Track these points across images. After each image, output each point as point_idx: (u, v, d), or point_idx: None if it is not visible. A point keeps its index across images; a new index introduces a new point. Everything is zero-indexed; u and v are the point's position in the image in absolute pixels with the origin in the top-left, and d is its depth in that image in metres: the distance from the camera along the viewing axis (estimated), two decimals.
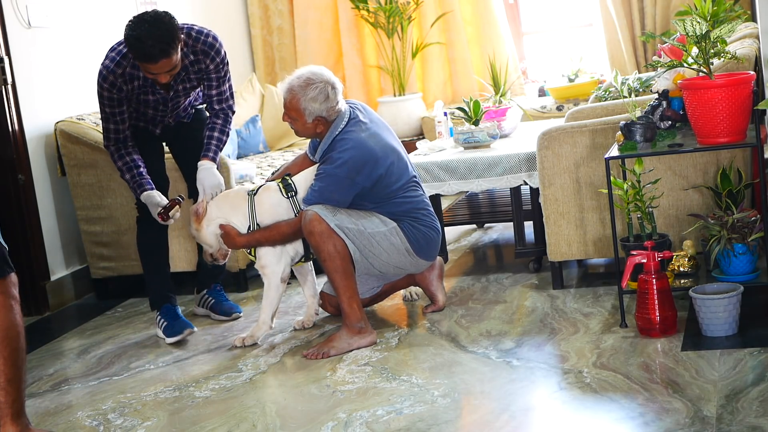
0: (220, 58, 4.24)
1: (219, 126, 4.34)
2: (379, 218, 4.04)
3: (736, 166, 4.05)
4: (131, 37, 3.95)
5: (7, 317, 3.07)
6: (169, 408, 3.54)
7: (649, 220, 3.93)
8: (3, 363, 3.05)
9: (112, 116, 4.22)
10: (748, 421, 2.84)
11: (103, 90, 4.17)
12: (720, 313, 3.53)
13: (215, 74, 4.27)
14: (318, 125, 4.03)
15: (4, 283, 3.10)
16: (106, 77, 4.15)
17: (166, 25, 3.94)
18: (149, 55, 3.92)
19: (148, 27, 3.92)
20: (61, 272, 5.24)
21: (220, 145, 4.34)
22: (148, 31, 3.91)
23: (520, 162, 4.58)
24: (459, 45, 7.31)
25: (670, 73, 3.90)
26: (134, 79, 4.16)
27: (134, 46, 3.94)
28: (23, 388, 3.14)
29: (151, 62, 3.95)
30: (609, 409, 3.08)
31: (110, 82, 4.14)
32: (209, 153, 4.29)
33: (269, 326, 4.17)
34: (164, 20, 3.95)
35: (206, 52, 4.20)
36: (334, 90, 4.00)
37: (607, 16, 6.90)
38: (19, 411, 3.12)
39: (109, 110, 4.21)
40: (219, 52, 4.23)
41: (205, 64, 4.23)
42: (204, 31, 4.21)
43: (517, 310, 4.21)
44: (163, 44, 3.91)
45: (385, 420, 3.18)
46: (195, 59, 4.20)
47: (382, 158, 4.00)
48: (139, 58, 3.96)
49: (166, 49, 3.92)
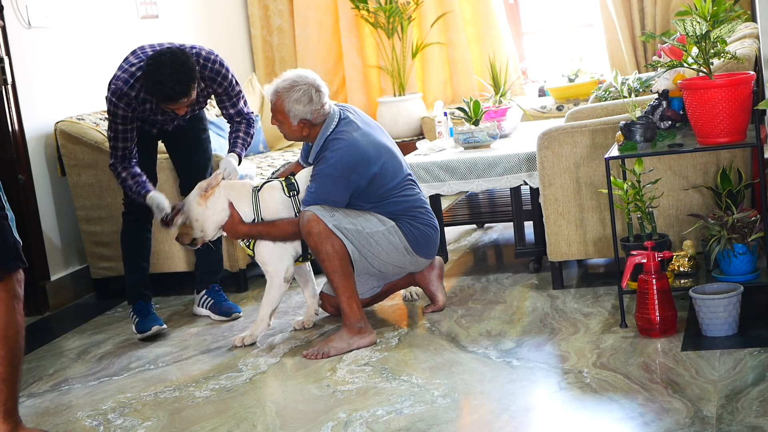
0: (228, 81, 4.36)
1: (243, 128, 4.49)
2: (377, 218, 4.04)
3: (736, 166, 4.05)
4: (154, 82, 4.00)
5: (7, 316, 3.07)
6: (169, 408, 3.54)
7: (649, 220, 3.93)
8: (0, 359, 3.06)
9: (122, 133, 4.24)
10: (748, 421, 2.84)
11: (118, 109, 4.19)
12: (720, 313, 3.53)
13: (226, 96, 4.41)
14: (303, 128, 4.04)
15: (10, 280, 3.09)
16: (122, 97, 4.17)
17: (186, 65, 4.01)
18: (171, 97, 4.02)
19: (170, 71, 3.97)
20: (61, 272, 5.24)
21: (245, 144, 4.48)
22: (170, 75, 3.97)
23: (520, 162, 4.58)
24: (459, 45, 7.31)
25: (670, 73, 3.91)
26: (147, 101, 4.23)
27: (157, 89, 4.01)
28: (17, 388, 3.14)
29: (173, 102, 4.04)
30: (609, 409, 3.08)
31: (126, 102, 4.18)
32: (236, 148, 4.45)
33: (267, 324, 4.17)
34: (183, 60, 4.02)
35: (213, 78, 4.32)
36: (318, 93, 4.01)
37: (607, 16, 6.90)
38: (11, 410, 3.12)
39: (121, 128, 4.23)
40: (226, 77, 4.34)
41: (213, 89, 4.36)
42: (210, 58, 4.29)
43: (517, 310, 4.21)
44: (183, 85, 4.01)
45: (385, 420, 3.18)
46: (204, 85, 4.31)
47: (375, 156, 4.00)
48: (162, 101, 4.06)
49: (186, 90, 4.02)
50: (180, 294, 5.13)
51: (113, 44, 5.75)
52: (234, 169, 4.33)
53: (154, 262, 5.04)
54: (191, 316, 4.72)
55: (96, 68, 5.58)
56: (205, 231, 4.14)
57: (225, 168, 4.29)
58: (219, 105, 4.47)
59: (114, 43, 5.76)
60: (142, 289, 4.53)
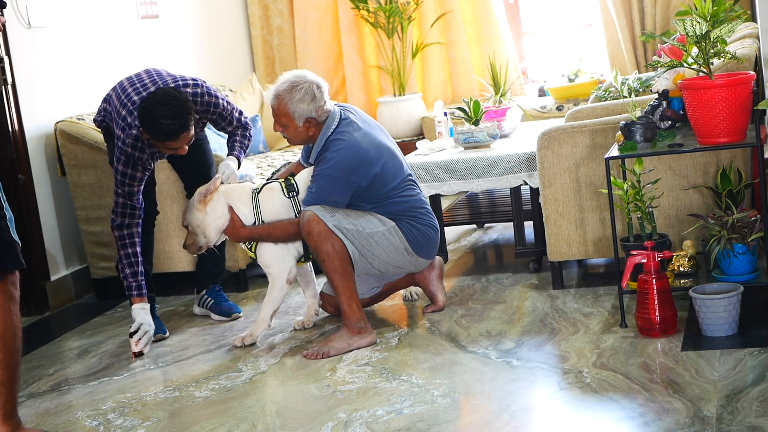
0: (221, 107, 4.34)
1: (240, 132, 4.50)
2: (377, 218, 4.04)
3: (736, 166, 4.05)
4: (149, 121, 3.98)
5: (3, 319, 3.06)
6: (169, 408, 3.54)
7: (649, 220, 3.93)
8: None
9: (130, 187, 4.19)
10: (748, 421, 2.84)
11: (128, 168, 4.16)
12: (720, 313, 3.53)
13: (221, 118, 4.41)
14: (309, 128, 4.03)
15: (5, 282, 3.08)
16: (136, 163, 4.16)
17: (179, 100, 3.99)
18: (170, 134, 3.98)
19: (163, 107, 3.95)
20: (61, 272, 5.24)
21: (243, 147, 4.49)
22: (165, 112, 3.95)
23: (520, 162, 4.58)
24: (459, 45, 7.31)
25: (670, 73, 3.91)
26: (154, 154, 4.23)
27: (154, 128, 3.98)
28: (16, 389, 3.14)
29: (172, 140, 4.01)
30: (609, 409, 3.08)
31: (133, 162, 4.16)
32: (234, 151, 4.46)
33: (268, 324, 4.17)
34: (175, 96, 4.00)
35: (206, 110, 4.30)
36: (320, 89, 4.01)
37: (607, 16, 6.90)
38: (11, 411, 3.13)
39: (128, 189, 4.19)
40: (217, 105, 4.32)
41: (207, 118, 4.36)
42: (198, 92, 4.23)
43: (517, 310, 4.21)
44: (181, 119, 3.98)
45: (385, 420, 3.18)
46: (198, 117, 4.28)
47: (376, 157, 4.00)
48: (161, 139, 4.01)
49: (185, 124, 3.99)
50: (180, 294, 5.13)
51: (113, 44, 5.75)
52: (232, 172, 4.32)
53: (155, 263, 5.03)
54: (191, 316, 4.72)
55: (96, 68, 5.58)
56: (208, 236, 4.15)
57: (224, 172, 4.28)
58: (217, 128, 4.48)
59: (114, 43, 5.77)
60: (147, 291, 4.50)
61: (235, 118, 4.45)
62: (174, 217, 4.96)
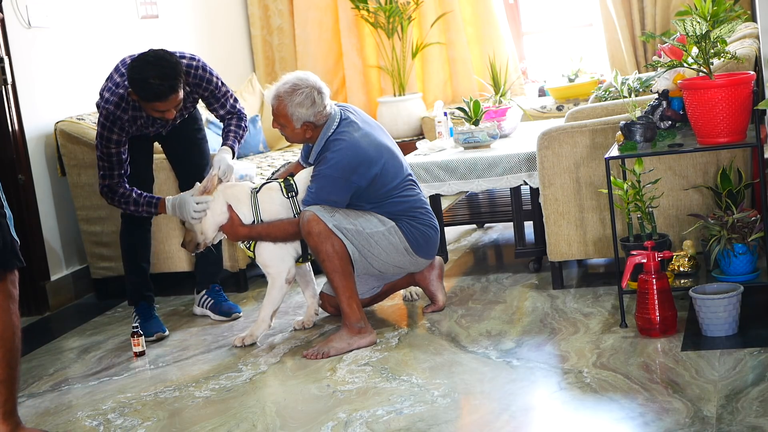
0: (213, 84, 4.34)
1: (234, 122, 4.45)
2: (377, 218, 4.04)
3: (736, 166, 4.05)
4: (138, 80, 3.97)
5: (2, 318, 3.07)
6: (169, 408, 3.54)
7: (649, 220, 3.93)
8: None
9: (117, 156, 4.21)
10: (748, 421, 2.84)
11: (112, 134, 4.16)
12: (720, 313, 3.53)
13: (213, 98, 4.39)
14: (307, 130, 4.03)
15: (5, 281, 3.09)
16: (115, 122, 4.15)
17: (170, 62, 3.99)
18: (158, 94, 3.97)
19: (153, 67, 3.95)
20: (61, 272, 5.24)
21: (237, 137, 4.43)
22: (154, 72, 3.94)
23: (520, 162, 4.58)
24: (459, 45, 7.31)
25: (670, 73, 3.90)
26: (138, 118, 4.22)
27: (142, 87, 3.97)
28: (16, 389, 3.14)
29: (160, 100, 3.99)
30: (609, 409, 3.08)
31: (119, 126, 4.16)
32: (228, 141, 4.40)
33: (268, 325, 4.17)
34: (166, 58, 4.00)
35: (198, 84, 4.30)
36: (320, 95, 4.00)
37: (607, 16, 6.90)
38: (11, 410, 3.13)
39: (114, 151, 4.19)
40: (210, 81, 4.32)
41: (199, 93, 4.34)
42: (193, 64, 4.25)
43: (517, 310, 4.21)
44: (171, 80, 3.97)
45: (385, 420, 3.18)
46: (190, 90, 4.29)
47: (376, 157, 4.00)
48: (149, 99, 3.99)
49: (174, 86, 3.98)
50: (180, 294, 5.13)
51: (113, 44, 5.75)
52: (228, 165, 4.25)
53: (154, 262, 5.05)
54: (191, 316, 4.72)
55: (96, 68, 5.57)
56: (206, 234, 4.15)
57: (219, 167, 4.23)
58: (209, 108, 4.45)
59: (114, 43, 5.77)
60: (143, 291, 4.51)
61: (229, 103, 4.42)
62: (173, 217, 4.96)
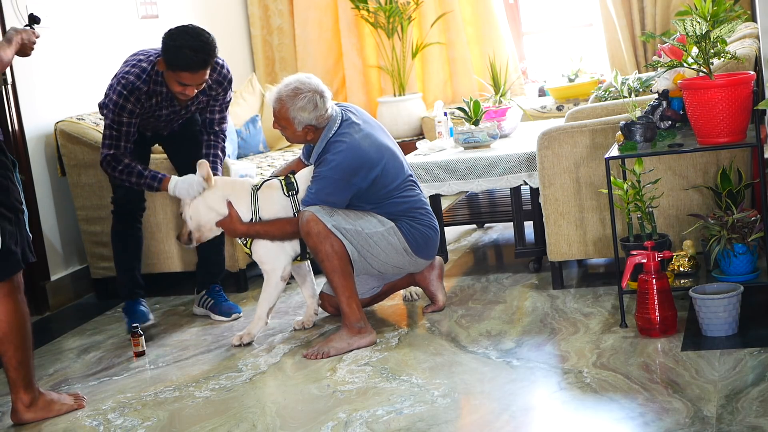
0: (228, 94, 4.47)
1: (221, 146, 4.54)
2: (376, 218, 4.04)
3: (736, 166, 4.05)
4: (173, 47, 4.04)
5: (16, 308, 3.41)
6: (169, 408, 3.54)
7: (649, 220, 3.93)
8: (14, 349, 3.42)
9: (127, 127, 4.23)
10: (748, 421, 2.84)
11: (128, 103, 4.19)
12: (720, 313, 3.53)
13: (222, 99, 4.47)
14: (308, 133, 4.04)
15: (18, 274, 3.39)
16: (133, 91, 4.17)
17: (207, 38, 4.08)
18: (189, 64, 4.04)
19: (190, 38, 4.03)
20: (61, 272, 5.24)
21: (218, 164, 4.50)
22: (190, 42, 4.02)
23: (520, 162, 4.58)
24: (459, 45, 7.31)
25: (670, 73, 3.91)
26: (156, 95, 4.24)
27: (175, 54, 4.03)
28: (32, 364, 3.49)
29: (190, 71, 4.06)
30: (609, 409, 3.08)
31: (136, 96, 4.19)
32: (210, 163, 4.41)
33: (265, 322, 4.18)
34: (205, 34, 4.10)
35: (221, 81, 4.38)
36: (322, 98, 4.00)
37: (607, 16, 6.90)
38: (30, 382, 3.50)
39: (126, 121, 4.22)
40: (231, 83, 4.44)
41: (217, 92, 4.42)
42: (220, 62, 4.35)
43: (517, 310, 4.21)
44: (204, 54, 4.06)
45: (385, 420, 3.18)
46: (210, 85, 4.35)
47: (376, 159, 4.00)
48: (179, 67, 4.05)
49: (206, 60, 4.07)
50: (180, 294, 5.13)
51: (113, 44, 5.75)
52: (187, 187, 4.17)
53: (155, 262, 5.05)
54: (191, 316, 4.72)
55: (96, 68, 5.58)
56: (202, 228, 4.16)
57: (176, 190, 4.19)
58: (205, 113, 4.49)
59: (114, 43, 5.76)
60: (133, 288, 4.56)
61: (225, 115, 4.50)
62: (173, 216, 4.97)
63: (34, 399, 3.51)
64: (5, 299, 3.38)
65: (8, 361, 3.44)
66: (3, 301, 3.38)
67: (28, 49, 3.60)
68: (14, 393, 3.49)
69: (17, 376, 3.46)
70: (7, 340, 3.40)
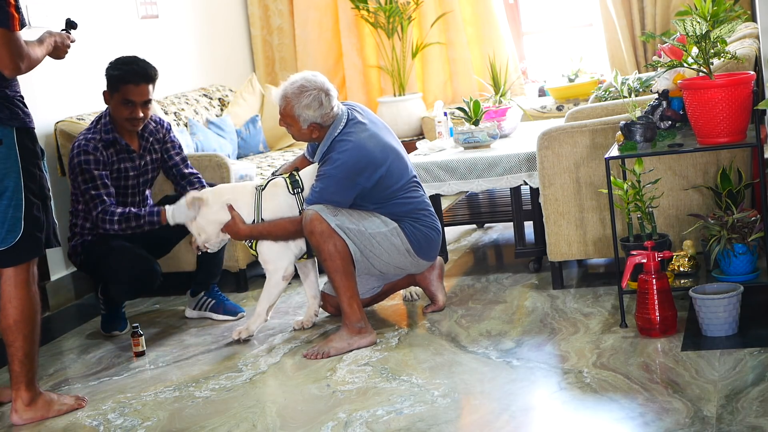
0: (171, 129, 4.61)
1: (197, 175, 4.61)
2: (380, 219, 4.04)
3: (736, 166, 4.05)
4: (119, 62, 4.35)
5: (28, 297, 3.46)
6: (169, 408, 3.54)
7: (649, 220, 3.93)
8: (23, 340, 3.44)
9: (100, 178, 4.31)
10: (748, 421, 2.84)
11: (89, 155, 4.31)
12: (720, 313, 3.53)
13: (171, 141, 4.59)
14: (313, 131, 4.04)
15: (33, 263, 3.47)
16: (87, 145, 4.32)
17: (147, 63, 4.36)
18: (132, 75, 4.26)
19: (128, 58, 4.37)
20: (61, 272, 5.24)
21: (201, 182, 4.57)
22: (129, 60, 4.36)
23: (520, 162, 4.58)
24: (459, 45, 7.31)
25: (670, 73, 3.91)
26: (111, 144, 4.37)
27: (122, 68, 4.31)
28: (37, 360, 3.53)
29: (133, 82, 4.26)
30: (609, 409, 3.08)
31: (93, 146, 4.32)
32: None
33: (264, 319, 4.19)
34: (144, 60, 4.37)
35: (158, 121, 4.56)
36: (328, 97, 4.00)
37: (607, 16, 6.90)
38: (32, 379, 3.51)
39: (97, 173, 4.30)
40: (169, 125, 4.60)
41: (162, 133, 4.55)
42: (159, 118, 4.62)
43: (517, 310, 4.21)
44: (144, 64, 4.33)
45: (385, 420, 3.18)
46: (153, 127, 4.51)
47: (381, 159, 4.00)
48: (123, 80, 4.28)
49: (146, 70, 4.32)
50: (180, 294, 5.12)
51: (113, 44, 5.75)
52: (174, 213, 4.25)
53: None
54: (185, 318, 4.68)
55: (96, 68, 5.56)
56: (207, 235, 4.16)
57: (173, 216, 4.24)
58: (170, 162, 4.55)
59: (114, 43, 5.76)
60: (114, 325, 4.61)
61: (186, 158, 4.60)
62: None
63: (35, 398, 3.52)
64: (21, 287, 3.43)
65: (15, 353, 3.45)
66: (19, 288, 3.42)
67: (62, 52, 3.70)
68: (15, 390, 3.49)
69: (22, 371, 3.46)
70: (17, 328, 3.42)
